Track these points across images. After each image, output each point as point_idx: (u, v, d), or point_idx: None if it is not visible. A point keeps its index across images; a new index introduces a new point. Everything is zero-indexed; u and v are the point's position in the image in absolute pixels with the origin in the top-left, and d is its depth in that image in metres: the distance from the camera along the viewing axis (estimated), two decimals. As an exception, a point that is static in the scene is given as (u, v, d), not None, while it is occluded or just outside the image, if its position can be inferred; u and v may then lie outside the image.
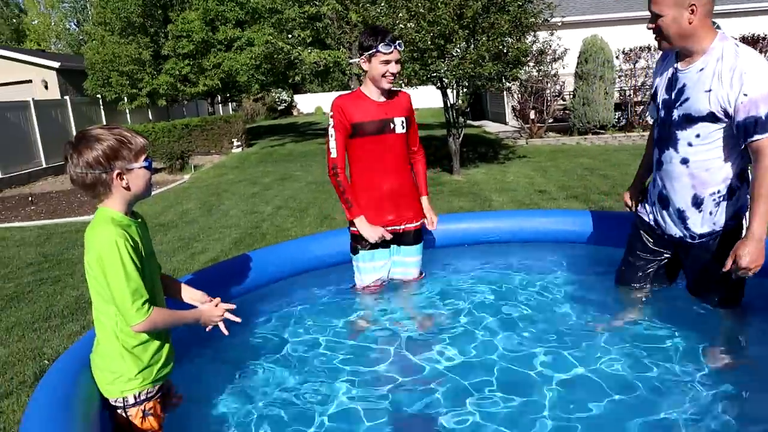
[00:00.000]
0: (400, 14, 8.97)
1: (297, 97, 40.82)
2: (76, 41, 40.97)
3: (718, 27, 2.59)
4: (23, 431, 1.89)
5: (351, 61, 9.16)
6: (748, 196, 2.54)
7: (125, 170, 1.98)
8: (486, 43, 8.54)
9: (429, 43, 8.57)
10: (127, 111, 19.09)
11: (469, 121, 18.92)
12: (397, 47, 3.21)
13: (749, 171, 2.59)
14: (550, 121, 14.79)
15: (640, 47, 14.43)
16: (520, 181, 8.92)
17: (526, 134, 14.62)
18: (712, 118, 2.51)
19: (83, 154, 1.93)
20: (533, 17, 9.16)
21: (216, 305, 2.30)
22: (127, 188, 2.00)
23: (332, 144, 3.32)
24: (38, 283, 5.37)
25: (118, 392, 2.05)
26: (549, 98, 14.46)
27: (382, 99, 3.36)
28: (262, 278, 3.73)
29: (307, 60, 17.95)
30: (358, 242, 3.48)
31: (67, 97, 17.14)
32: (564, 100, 15.36)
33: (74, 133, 16.13)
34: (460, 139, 9.98)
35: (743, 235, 2.51)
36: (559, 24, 14.67)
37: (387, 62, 3.21)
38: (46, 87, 18.98)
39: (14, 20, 45.37)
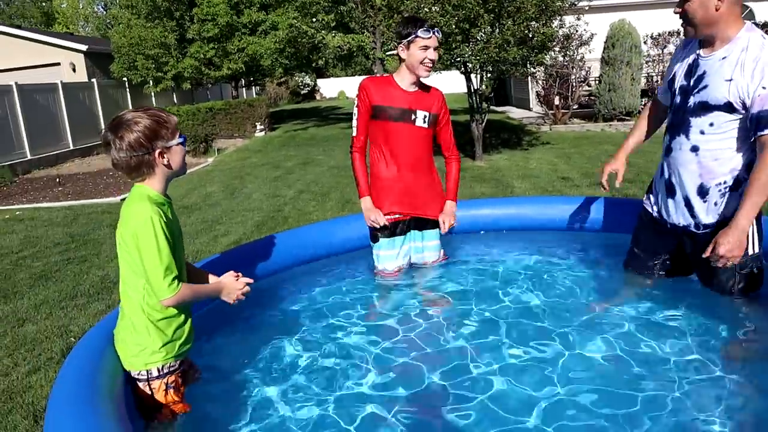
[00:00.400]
0: (425, -2, 8.91)
1: (320, 82, 40.81)
2: (103, 24, 41.35)
3: (751, 12, 2.54)
4: (51, 406, 1.95)
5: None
6: None
7: (165, 149, 2.04)
8: (511, 27, 8.44)
9: (453, 27, 8.50)
10: (153, 94, 19.27)
11: (492, 107, 18.77)
12: (436, 34, 3.22)
13: None
14: (575, 107, 14.62)
15: (669, 32, 14.16)
16: (543, 167, 8.85)
17: (550, 120, 14.47)
18: (728, 107, 2.50)
19: (125, 137, 1.97)
20: (560, 1, 9.03)
21: (237, 279, 2.34)
22: (168, 166, 2.07)
23: (354, 122, 3.39)
24: (65, 263, 5.48)
25: (142, 364, 2.11)
26: (574, 84, 14.27)
27: (412, 89, 3.37)
28: (286, 261, 3.77)
29: (331, 44, 17.93)
30: (377, 230, 3.52)
31: (94, 80, 17.35)
32: (589, 86, 15.16)
33: (101, 115, 16.40)
34: (484, 124, 9.91)
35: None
36: (586, 8, 14.40)
37: (426, 48, 3.21)
38: (74, 70, 19.22)
39: (44, 3, 45.93)
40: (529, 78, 14.64)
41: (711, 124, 2.57)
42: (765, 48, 2.42)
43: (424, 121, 3.39)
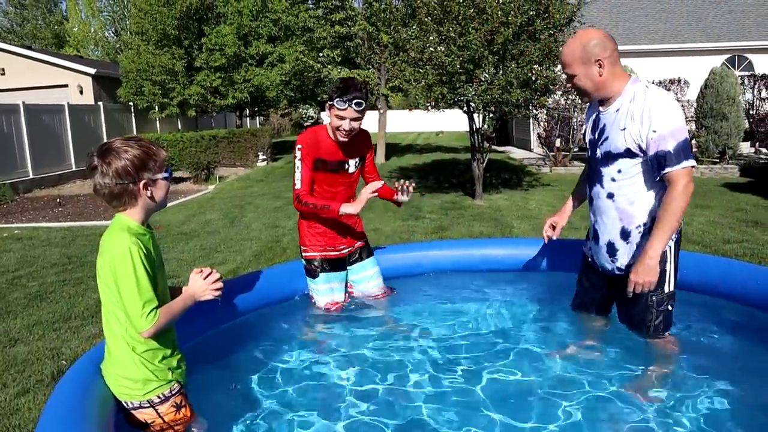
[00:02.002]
0: (431, 37, 9.06)
1: (323, 115, 41.18)
2: (113, 49, 41.89)
3: (632, 72, 2.71)
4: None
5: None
6: None
7: (150, 181, 2.04)
8: (515, 69, 8.57)
9: (458, 67, 8.64)
10: (157, 119, 19.43)
11: (494, 147, 18.92)
12: (354, 106, 3.23)
13: None
14: (576, 149, 14.75)
15: (670, 80, 14.38)
16: (543, 209, 8.89)
17: (551, 162, 14.58)
18: (629, 153, 2.71)
19: (112, 164, 1.98)
20: (563, 46, 9.17)
21: (203, 277, 2.21)
22: (151, 198, 2.06)
23: (298, 176, 3.42)
24: (61, 284, 5.46)
25: (142, 396, 2.09)
26: (575, 127, 14.43)
27: (343, 140, 3.42)
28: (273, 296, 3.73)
29: (336, 78, 18.13)
30: (313, 266, 3.63)
31: (100, 103, 17.52)
32: (591, 130, 15.30)
33: (105, 138, 16.50)
34: (485, 164, 9.98)
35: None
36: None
37: (341, 118, 3.28)
38: (81, 92, 19.42)
39: (56, 26, 46.60)
40: (531, 119, 14.81)
41: (619, 171, 2.78)
42: (648, 96, 2.65)
43: (356, 166, 3.60)
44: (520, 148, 20.60)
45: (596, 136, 2.89)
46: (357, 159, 3.59)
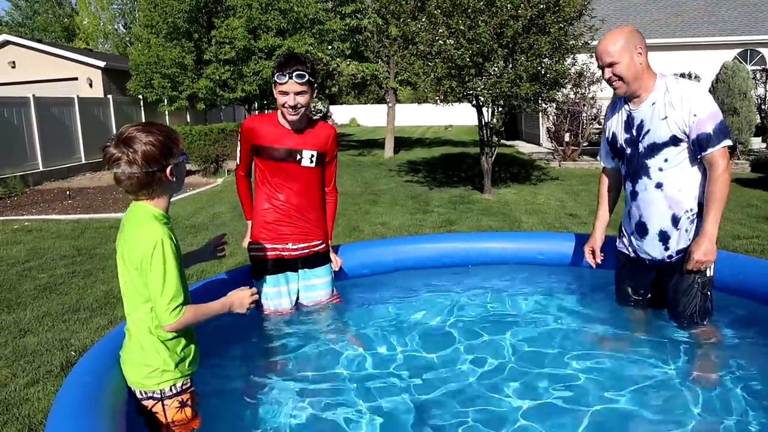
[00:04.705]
0: (441, 30, 9.02)
1: (332, 108, 41.17)
2: (122, 42, 42.01)
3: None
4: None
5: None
6: None
7: (174, 166, 2.02)
8: (524, 63, 8.52)
9: (467, 60, 8.60)
10: (167, 113, 19.47)
11: (502, 141, 18.84)
12: (295, 78, 2.98)
13: None
14: (585, 144, 14.67)
15: (681, 74, 14.22)
16: (551, 203, 8.85)
17: (560, 156, 14.51)
18: (674, 141, 2.84)
19: (139, 151, 1.92)
20: (574, 39, 9.13)
21: (245, 291, 2.23)
22: (176, 182, 2.05)
23: (238, 152, 3.30)
24: (70, 276, 5.49)
25: (155, 384, 2.07)
26: (585, 121, 14.35)
27: (297, 127, 3.19)
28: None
29: (345, 72, 18.11)
30: (259, 266, 3.34)
31: (110, 96, 17.58)
32: (600, 123, 15.22)
33: (114, 131, 16.54)
34: (493, 158, 9.95)
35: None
36: (600, 48, 14.60)
37: (284, 93, 3.03)
38: (91, 85, 19.49)
39: (66, 19, 46.77)
40: (540, 114, 14.75)
41: (665, 160, 2.89)
42: (682, 85, 2.84)
43: (312, 161, 3.24)
44: (528, 142, 20.52)
45: (634, 133, 2.99)
46: (314, 152, 3.23)
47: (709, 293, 2.99)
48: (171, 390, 2.09)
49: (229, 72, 17.21)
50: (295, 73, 2.98)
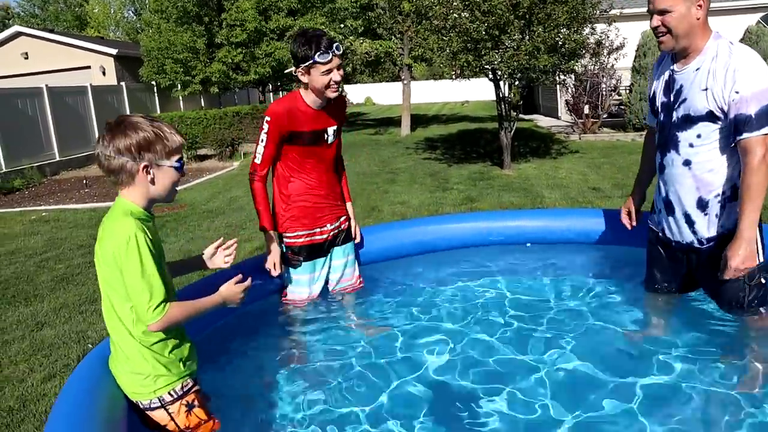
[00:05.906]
0: (455, 3, 8.78)
1: (347, 87, 40.89)
2: (133, 29, 41.99)
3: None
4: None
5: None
6: None
7: (154, 164, 1.90)
8: (542, 34, 8.27)
9: (483, 33, 8.36)
10: (180, 98, 19.41)
11: (520, 115, 18.55)
12: (335, 51, 2.87)
13: None
14: (605, 116, 14.34)
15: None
16: (573, 177, 8.64)
17: (579, 129, 14.21)
18: (711, 117, 2.49)
19: (116, 138, 1.86)
20: (591, 8, 8.84)
21: (235, 283, 2.13)
22: (152, 183, 1.92)
23: (260, 149, 3.06)
24: (87, 266, 5.44)
25: (151, 392, 1.96)
26: (604, 93, 14.00)
27: (321, 106, 3.09)
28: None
29: (359, 50, 17.87)
30: (297, 254, 3.23)
31: (123, 83, 17.54)
32: (620, 95, 14.87)
33: (129, 118, 16.58)
34: (512, 132, 9.73)
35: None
36: (618, 15, 14.20)
37: (329, 71, 2.90)
38: (104, 73, 19.47)
39: (77, 8, 46.82)
40: (558, 86, 14.41)
41: (698, 136, 2.55)
42: (733, 54, 2.43)
43: (334, 136, 3.19)
44: (546, 116, 20.16)
45: (671, 99, 2.65)
46: (335, 127, 3.18)
47: (762, 280, 2.61)
48: (171, 395, 1.98)
49: (242, 54, 17.07)
50: (334, 46, 2.89)
